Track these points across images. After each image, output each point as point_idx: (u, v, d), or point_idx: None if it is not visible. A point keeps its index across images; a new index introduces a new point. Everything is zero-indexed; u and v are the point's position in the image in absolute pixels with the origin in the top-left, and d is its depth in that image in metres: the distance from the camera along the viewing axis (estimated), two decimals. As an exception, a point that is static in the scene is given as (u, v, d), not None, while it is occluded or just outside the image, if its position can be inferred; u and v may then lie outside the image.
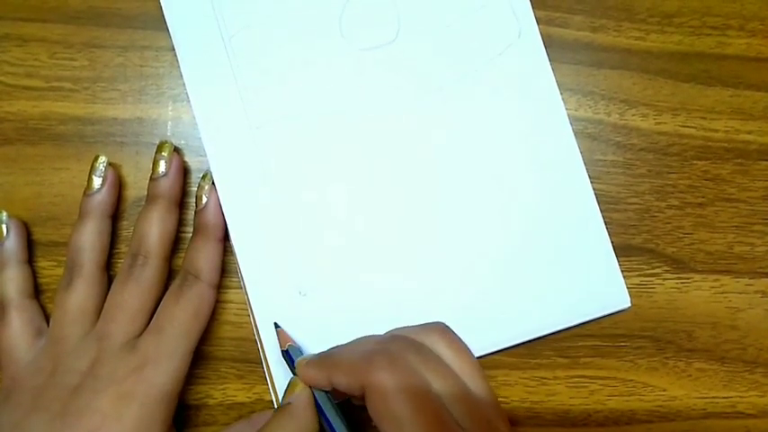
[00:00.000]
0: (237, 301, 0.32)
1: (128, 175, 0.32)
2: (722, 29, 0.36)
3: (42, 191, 0.32)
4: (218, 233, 0.31)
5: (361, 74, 0.33)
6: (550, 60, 0.34)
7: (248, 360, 0.32)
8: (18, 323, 0.29)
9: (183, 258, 0.31)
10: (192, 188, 0.33)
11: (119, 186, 0.31)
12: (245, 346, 0.32)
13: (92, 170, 0.30)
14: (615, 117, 0.35)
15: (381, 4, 0.33)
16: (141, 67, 0.33)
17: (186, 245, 0.32)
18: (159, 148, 0.31)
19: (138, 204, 0.32)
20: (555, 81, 0.34)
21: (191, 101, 0.32)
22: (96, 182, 0.30)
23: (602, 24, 0.35)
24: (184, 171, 0.32)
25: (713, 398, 0.34)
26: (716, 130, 0.35)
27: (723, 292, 0.35)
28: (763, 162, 0.35)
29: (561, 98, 0.34)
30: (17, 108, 0.32)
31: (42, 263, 0.32)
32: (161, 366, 0.28)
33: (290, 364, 0.28)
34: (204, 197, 0.31)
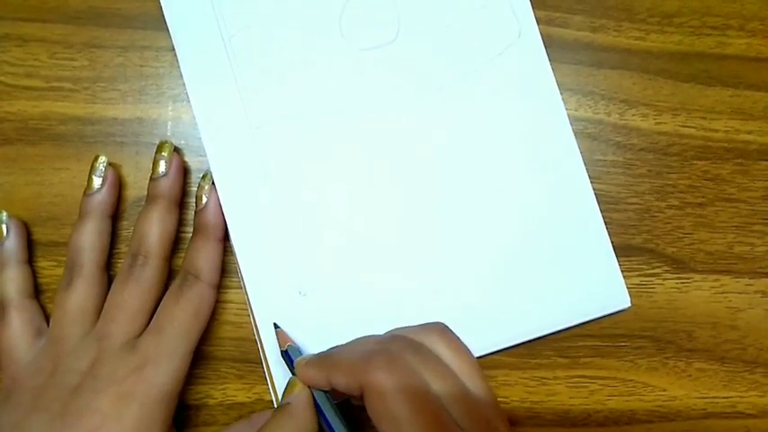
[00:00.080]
0: (237, 301, 0.32)
1: (128, 175, 0.32)
2: (722, 29, 0.36)
3: (42, 191, 0.32)
4: (218, 233, 0.31)
5: (361, 74, 0.33)
6: (550, 60, 0.34)
7: (248, 360, 0.32)
8: (18, 323, 0.29)
9: (183, 258, 0.31)
10: (192, 188, 0.33)
11: (119, 186, 0.31)
12: (245, 346, 0.32)
13: (92, 170, 0.30)
14: (615, 117, 0.35)
15: (381, 4, 0.33)
16: (141, 67, 0.33)
17: (186, 245, 0.32)
18: (159, 148, 0.31)
19: (138, 204, 0.32)
20: (555, 81, 0.34)
21: (191, 101, 0.32)
22: (96, 182, 0.30)
23: (602, 24, 0.35)
24: (184, 171, 0.32)
25: (713, 398, 0.34)
26: (716, 130, 0.35)
27: (723, 292, 0.35)
28: (763, 162, 0.35)
29: (561, 98, 0.34)
30: (17, 108, 0.32)
31: (42, 263, 0.32)
32: (161, 366, 0.28)
33: (289, 364, 0.28)
34: (204, 197, 0.31)
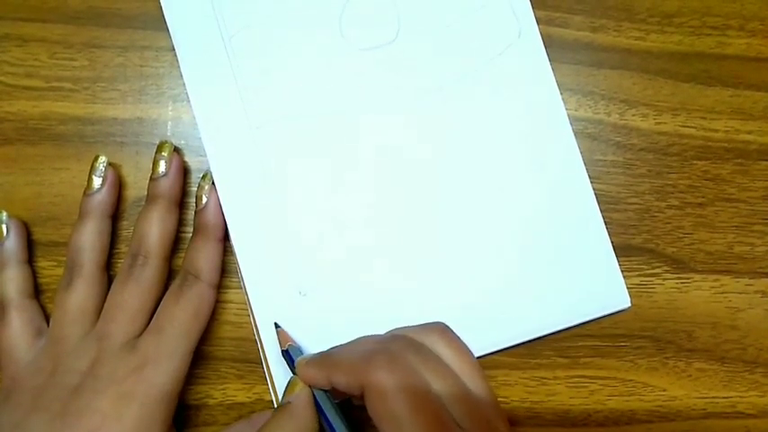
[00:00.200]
0: (237, 301, 0.32)
1: (128, 175, 0.32)
2: (722, 29, 0.36)
3: (42, 191, 0.32)
4: (218, 233, 0.31)
5: (361, 74, 0.33)
6: (550, 60, 0.34)
7: (248, 360, 0.32)
8: (18, 323, 0.29)
9: (183, 258, 0.31)
10: (192, 188, 0.33)
11: (119, 186, 0.31)
12: (245, 346, 0.32)
13: (92, 170, 0.30)
14: (615, 117, 0.35)
15: (381, 4, 0.33)
16: (141, 67, 0.33)
17: (186, 245, 0.32)
18: (159, 148, 0.31)
19: (138, 204, 0.32)
20: (555, 81, 0.34)
21: (191, 101, 0.32)
22: (96, 182, 0.30)
23: (602, 24, 0.35)
24: (184, 171, 0.32)
25: (713, 398, 0.34)
26: (716, 130, 0.35)
27: (723, 292, 0.35)
28: (763, 162, 0.35)
29: (561, 98, 0.34)
30: (17, 108, 0.32)
31: (42, 263, 0.32)
32: (161, 366, 0.28)
33: (289, 363, 0.28)
34: (204, 197, 0.31)
